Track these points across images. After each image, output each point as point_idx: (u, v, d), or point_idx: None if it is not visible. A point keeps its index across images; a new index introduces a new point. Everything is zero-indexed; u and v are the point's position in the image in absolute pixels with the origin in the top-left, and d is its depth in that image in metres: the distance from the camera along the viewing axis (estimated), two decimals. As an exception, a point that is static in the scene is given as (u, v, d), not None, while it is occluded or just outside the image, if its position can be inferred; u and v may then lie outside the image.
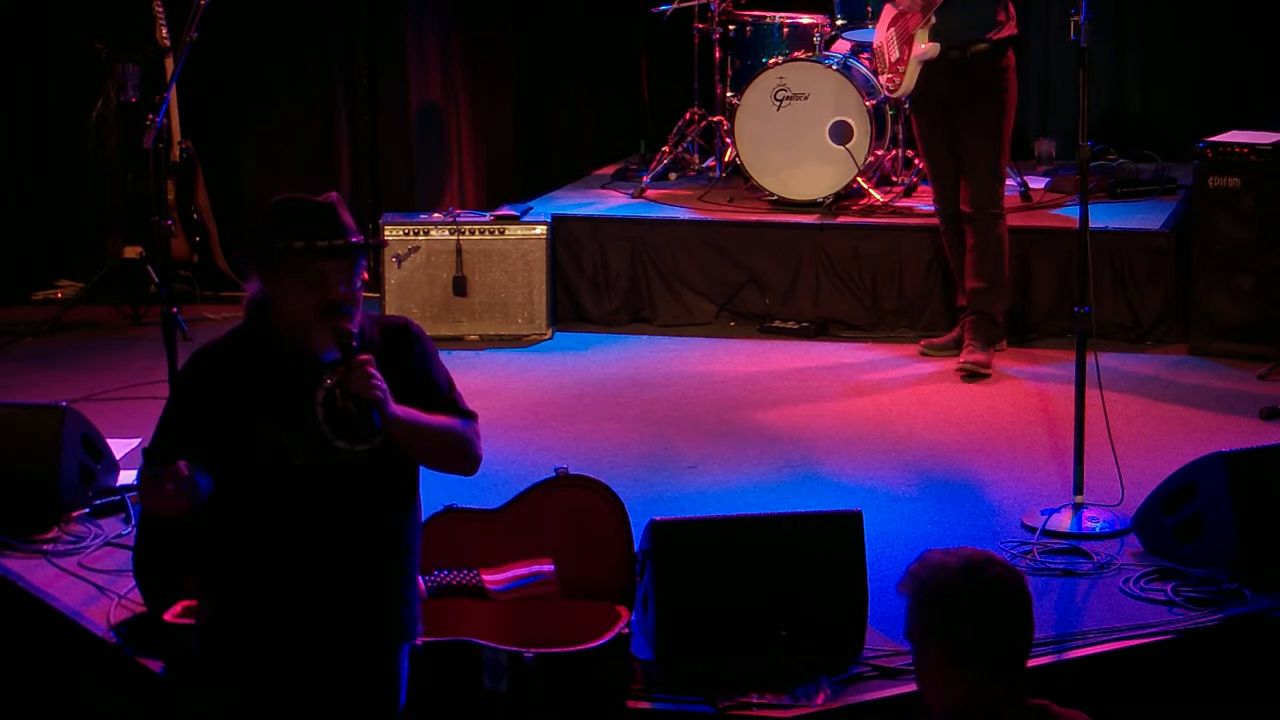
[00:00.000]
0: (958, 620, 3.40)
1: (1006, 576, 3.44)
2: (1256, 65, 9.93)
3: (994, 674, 3.42)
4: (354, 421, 4.04)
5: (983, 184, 7.75)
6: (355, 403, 4.01)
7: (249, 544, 4.10)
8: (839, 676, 5.10)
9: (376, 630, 4.15)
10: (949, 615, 3.40)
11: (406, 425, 4.05)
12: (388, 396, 4.00)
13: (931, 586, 3.43)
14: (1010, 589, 3.44)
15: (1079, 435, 6.16)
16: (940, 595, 3.42)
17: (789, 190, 8.96)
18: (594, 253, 8.89)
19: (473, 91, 9.92)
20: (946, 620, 3.41)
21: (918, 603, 3.45)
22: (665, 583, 5.20)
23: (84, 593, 5.71)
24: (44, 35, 9.47)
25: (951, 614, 3.40)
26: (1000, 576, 3.43)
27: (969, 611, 3.39)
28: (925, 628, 3.44)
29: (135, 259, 8.93)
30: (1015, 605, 3.44)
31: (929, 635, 3.44)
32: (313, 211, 4.07)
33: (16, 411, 6.37)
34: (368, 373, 3.98)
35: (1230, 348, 8.05)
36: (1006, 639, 3.43)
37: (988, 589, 3.41)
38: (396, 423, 4.03)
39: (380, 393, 3.98)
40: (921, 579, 3.45)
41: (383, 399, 3.99)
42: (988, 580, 3.42)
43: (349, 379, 4.00)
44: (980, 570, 3.43)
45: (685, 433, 7.26)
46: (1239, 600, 5.48)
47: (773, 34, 9.41)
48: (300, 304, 4.04)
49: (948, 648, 3.41)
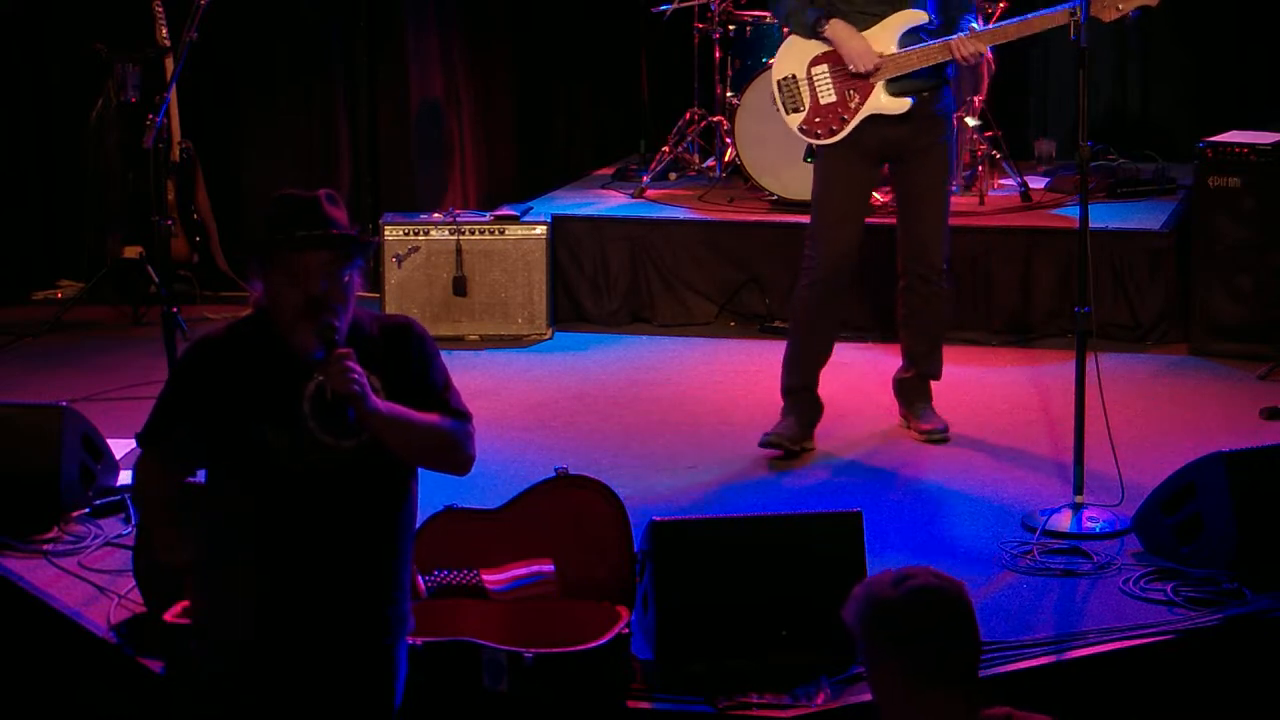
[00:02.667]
0: (906, 638, 3.40)
1: (945, 587, 3.45)
2: (1256, 65, 9.93)
3: (950, 685, 3.42)
4: (341, 417, 4.03)
5: (942, 238, 6.94)
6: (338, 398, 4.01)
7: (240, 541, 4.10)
8: (839, 676, 5.10)
9: (365, 628, 4.14)
10: (896, 634, 3.41)
11: (388, 420, 4.03)
12: (366, 391, 3.98)
13: (875, 609, 3.44)
14: (950, 598, 3.44)
15: (1079, 435, 6.16)
16: (885, 616, 3.42)
17: (789, 190, 8.95)
18: (594, 253, 8.89)
19: (473, 91, 9.91)
20: (895, 639, 3.41)
21: (864, 628, 3.46)
22: (665, 583, 5.20)
23: (84, 593, 5.72)
24: (44, 35, 9.47)
25: (899, 632, 3.41)
26: (938, 587, 3.44)
27: (915, 627, 3.40)
28: (876, 651, 3.45)
29: (135, 259, 8.93)
30: (957, 614, 3.44)
31: (882, 658, 3.45)
32: (296, 205, 4.07)
33: (16, 411, 6.37)
34: (345, 366, 3.97)
35: (1230, 348, 8.05)
36: (956, 649, 3.43)
37: (929, 602, 3.42)
38: (376, 417, 4.01)
39: (357, 387, 3.97)
40: (863, 603, 3.46)
41: (360, 394, 3.97)
42: (927, 593, 3.43)
43: (327, 373, 3.99)
44: (918, 585, 3.43)
45: (685, 433, 7.26)
46: (1239, 600, 5.48)
47: (773, 34, 9.39)
48: (286, 298, 4.04)
49: (902, 667, 3.41)
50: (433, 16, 9.70)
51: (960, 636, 3.44)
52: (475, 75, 9.95)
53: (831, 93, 6.77)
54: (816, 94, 6.79)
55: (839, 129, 6.76)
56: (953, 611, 3.44)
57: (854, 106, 6.74)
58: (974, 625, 3.46)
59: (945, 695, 3.42)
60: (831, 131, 6.78)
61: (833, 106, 6.76)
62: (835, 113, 6.76)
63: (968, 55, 6.66)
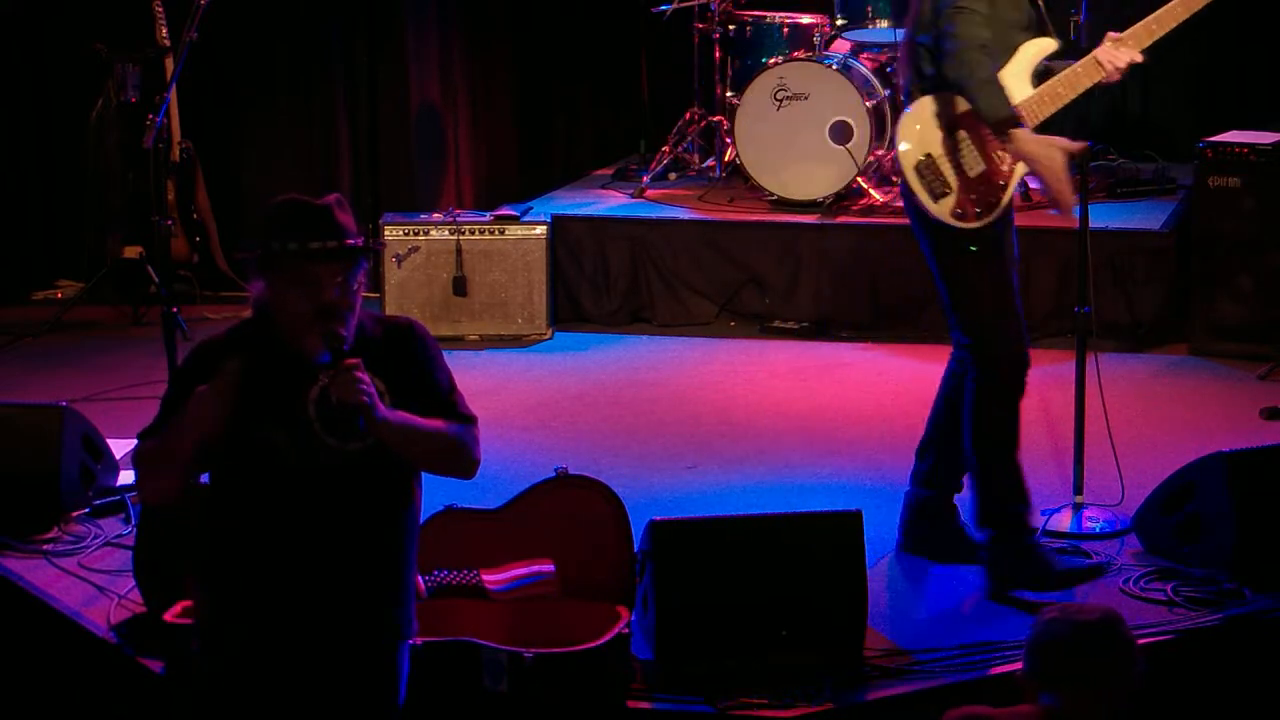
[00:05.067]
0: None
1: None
2: (1256, 65, 9.93)
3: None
4: (345, 421, 4.03)
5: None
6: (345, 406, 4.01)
7: (243, 542, 4.10)
8: (839, 676, 5.10)
9: (368, 630, 4.14)
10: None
11: (396, 429, 4.04)
12: (375, 401, 3.98)
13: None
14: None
15: (1079, 435, 6.16)
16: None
17: (789, 190, 8.96)
18: (594, 253, 8.89)
19: (472, 91, 9.91)
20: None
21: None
22: (665, 583, 5.20)
23: (84, 593, 5.72)
24: (44, 35, 9.47)
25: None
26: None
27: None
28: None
29: (135, 259, 8.93)
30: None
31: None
32: (309, 213, 4.06)
33: (16, 411, 6.37)
34: (355, 378, 3.97)
35: (1230, 348, 8.05)
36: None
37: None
38: (386, 426, 4.02)
39: (367, 398, 3.97)
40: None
41: (369, 404, 3.97)
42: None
43: (336, 384, 3.99)
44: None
45: (685, 432, 7.26)
46: (1239, 600, 5.49)
47: (773, 34, 9.41)
48: (294, 305, 4.03)
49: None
50: (433, 17, 9.70)
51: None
52: (475, 75, 9.95)
53: (979, 160, 5.56)
54: (963, 168, 5.56)
55: (997, 200, 5.56)
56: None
57: (1007, 169, 5.57)
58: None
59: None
60: (990, 207, 5.56)
61: (984, 176, 5.56)
62: (989, 183, 5.56)
63: (1122, 68, 5.65)
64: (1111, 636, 3.94)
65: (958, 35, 5.40)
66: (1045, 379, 7.80)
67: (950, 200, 5.57)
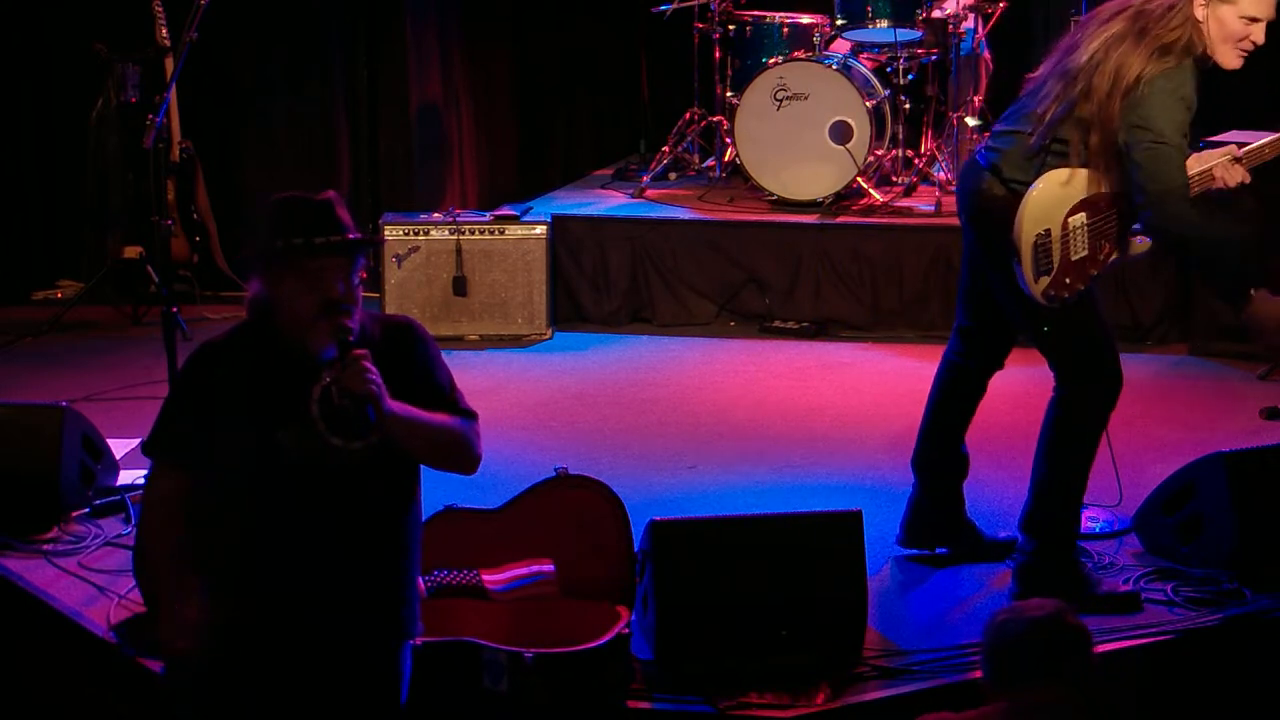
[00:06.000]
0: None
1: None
2: (1257, 65, 9.90)
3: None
4: (349, 418, 4.04)
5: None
6: (351, 399, 4.02)
7: (248, 542, 4.10)
8: (839, 676, 5.10)
9: (375, 629, 4.15)
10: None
11: (403, 422, 4.05)
12: (383, 392, 3.99)
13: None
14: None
15: (1079, 435, 6.15)
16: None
17: (789, 190, 8.96)
18: (594, 253, 8.90)
19: (473, 91, 9.92)
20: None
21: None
22: (665, 583, 5.20)
23: (84, 593, 5.71)
24: (44, 35, 9.47)
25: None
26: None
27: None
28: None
29: (135, 259, 8.94)
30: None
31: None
32: (311, 209, 4.07)
33: (16, 411, 6.37)
34: (363, 367, 3.99)
35: (1230, 348, 8.05)
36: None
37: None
38: (393, 419, 4.03)
39: (375, 388, 3.98)
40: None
41: (378, 394, 3.98)
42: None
43: (344, 374, 4.00)
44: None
45: (685, 432, 7.26)
46: (1239, 600, 5.49)
47: (773, 34, 9.42)
48: (299, 302, 4.05)
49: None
50: (433, 17, 9.71)
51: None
52: (475, 75, 9.95)
53: (1085, 246, 5.55)
54: (1069, 250, 5.53)
55: (1082, 286, 5.58)
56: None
57: (1103, 259, 5.60)
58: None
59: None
60: (1076, 292, 5.56)
61: (1083, 262, 5.55)
62: (1084, 270, 5.56)
63: (1235, 183, 5.59)
64: (1064, 627, 4.06)
65: (1158, 178, 5.36)
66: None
67: (1048, 280, 5.54)
